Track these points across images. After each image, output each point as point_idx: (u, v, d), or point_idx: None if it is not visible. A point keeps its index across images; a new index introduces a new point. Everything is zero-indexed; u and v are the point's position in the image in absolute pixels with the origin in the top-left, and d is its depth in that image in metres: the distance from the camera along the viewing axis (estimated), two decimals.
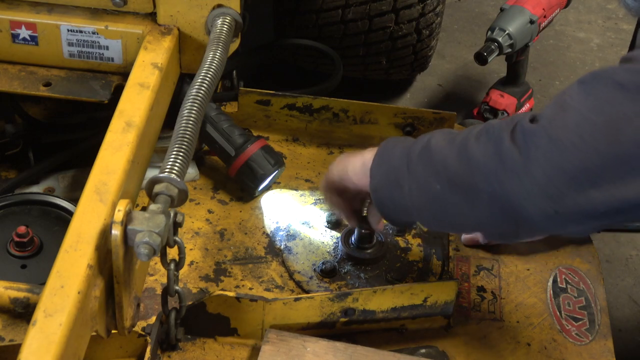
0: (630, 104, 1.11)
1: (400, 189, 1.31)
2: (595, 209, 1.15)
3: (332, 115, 1.81)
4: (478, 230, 1.31)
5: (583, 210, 1.16)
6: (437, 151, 1.28)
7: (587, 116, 1.14)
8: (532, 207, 1.18)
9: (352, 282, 1.55)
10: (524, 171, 1.17)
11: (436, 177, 1.27)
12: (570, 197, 1.15)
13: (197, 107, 1.31)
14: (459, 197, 1.25)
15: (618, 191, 1.13)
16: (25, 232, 1.45)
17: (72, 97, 1.55)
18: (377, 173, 1.36)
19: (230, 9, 1.53)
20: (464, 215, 1.27)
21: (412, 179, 1.30)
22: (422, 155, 1.30)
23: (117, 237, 1.13)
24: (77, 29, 1.54)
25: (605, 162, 1.12)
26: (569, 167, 1.14)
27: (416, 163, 1.30)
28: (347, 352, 1.38)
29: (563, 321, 1.53)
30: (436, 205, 1.28)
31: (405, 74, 2.51)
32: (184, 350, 1.43)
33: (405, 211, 1.33)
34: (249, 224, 1.66)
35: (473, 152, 1.23)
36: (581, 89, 1.17)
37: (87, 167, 1.28)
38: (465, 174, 1.24)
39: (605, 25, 3.15)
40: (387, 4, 2.19)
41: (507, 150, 1.19)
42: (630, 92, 1.12)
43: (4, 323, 1.22)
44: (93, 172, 1.26)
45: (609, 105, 1.13)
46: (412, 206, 1.31)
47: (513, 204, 1.19)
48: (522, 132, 1.19)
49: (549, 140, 1.15)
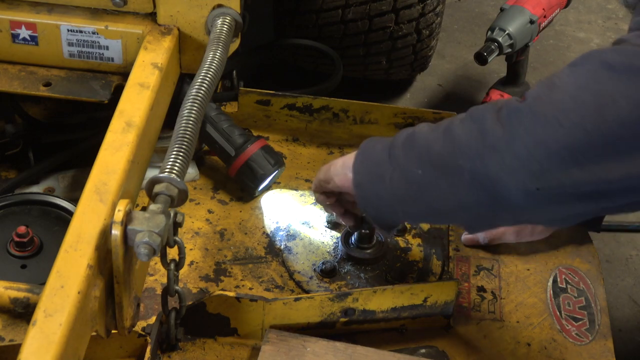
0: (618, 83, 1.09)
1: (382, 182, 1.30)
2: (578, 188, 1.13)
3: (332, 115, 1.81)
4: (459, 214, 1.26)
5: (565, 188, 1.13)
6: (420, 137, 1.27)
7: (574, 94, 1.12)
8: (512, 182, 1.15)
9: (352, 282, 1.55)
10: (505, 146, 1.15)
11: (418, 161, 1.25)
12: (552, 173, 1.13)
13: (197, 107, 1.31)
14: (440, 178, 1.23)
15: (601, 171, 1.10)
16: (25, 232, 1.45)
17: (72, 97, 1.55)
18: (360, 169, 1.35)
19: (230, 9, 1.53)
20: (445, 198, 1.24)
21: (394, 169, 1.28)
22: (404, 144, 1.29)
23: (117, 237, 1.13)
24: (77, 29, 1.54)
25: (590, 140, 1.10)
26: (552, 143, 1.12)
27: (398, 152, 1.28)
28: (347, 352, 1.38)
29: (563, 321, 1.53)
30: (417, 190, 1.26)
31: (405, 74, 2.51)
32: (184, 350, 1.43)
33: (388, 206, 1.32)
34: (249, 224, 1.66)
35: (456, 132, 1.22)
36: (570, 70, 1.15)
37: (87, 167, 1.28)
38: (447, 154, 1.22)
39: (605, 25, 3.15)
40: (387, 4, 2.19)
41: (489, 128, 1.17)
42: (617, 72, 1.10)
43: (4, 323, 1.22)
44: (93, 172, 1.26)
45: (597, 84, 1.11)
46: (394, 198, 1.29)
47: (494, 181, 1.17)
48: (507, 111, 1.17)
49: (533, 116, 1.13)
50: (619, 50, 1.13)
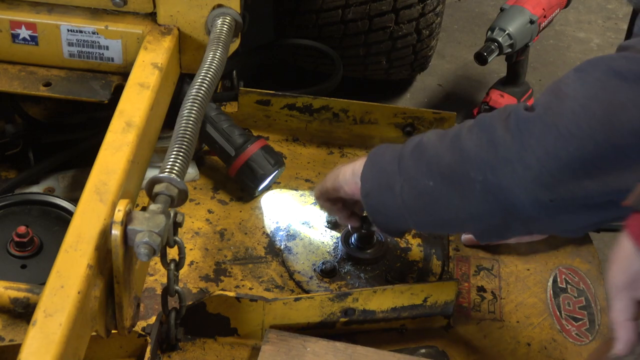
0: (628, 92, 1.09)
1: (391, 191, 1.29)
2: (590, 198, 1.12)
3: (332, 115, 1.81)
4: (471, 225, 1.27)
5: (577, 199, 1.13)
6: (429, 147, 1.26)
7: (584, 103, 1.11)
8: (524, 195, 1.15)
9: (352, 282, 1.55)
10: (517, 158, 1.14)
11: (428, 172, 1.25)
12: (565, 184, 1.12)
13: (197, 107, 1.31)
14: (451, 190, 1.22)
15: (613, 181, 1.10)
16: (25, 232, 1.45)
17: (72, 97, 1.55)
18: (368, 177, 1.34)
19: (230, 9, 1.53)
20: (456, 209, 1.24)
21: (404, 178, 1.28)
22: (413, 154, 1.28)
23: (117, 237, 1.13)
24: (77, 29, 1.54)
25: (602, 150, 1.09)
26: (564, 155, 1.11)
27: (407, 162, 1.28)
28: (347, 352, 1.38)
29: (563, 321, 1.53)
30: (428, 202, 1.26)
31: (405, 74, 2.51)
32: (184, 350, 1.43)
33: (397, 215, 1.31)
34: (249, 224, 1.66)
35: (465, 143, 1.21)
36: (577, 77, 1.14)
37: (87, 167, 1.28)
38: (457, 165, 1.21)
39: (605, 25, 3.15)
40: (387, 4, 2.19)
41: (499, 138, 1.16)
42: (627, 80, 1.09)
43: (4, 323, 1.22)
44: (93, 172, 1.26)
45: (606, 93, 1.10)
46: (404, 207, 1.29)
47: (505, 192, 1.16)
48: (516, 119, 1.16)
49: (544, 127, 1.12)
50: (627, 58, 1.12)
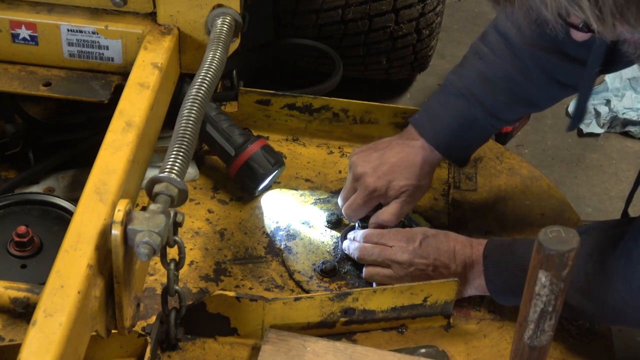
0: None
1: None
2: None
3: (332, 115, 1.81)
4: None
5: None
6: (578, 266, 1.16)
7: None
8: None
9: (352, 282, 1.55)
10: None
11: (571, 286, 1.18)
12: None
13: (197, 107, 1.31)
14: (587, 304, 1.40)
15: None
16: (25, 232, 1.45)
17: (72, 97, 1.55)
18: (495, 279, 1.46)
19: (230, 9, 1.53)
20: (588, 318, 1.50)
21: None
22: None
23: (117, 237, 1.13)
24: (77, 28, 1.54)
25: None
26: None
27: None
28: (347, 352, 1.38)
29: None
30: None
31: (405, 74, 2.51)
32: (184, 350, 1.43)
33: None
34: (249, 224, 1.66)
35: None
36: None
37: (87, 167, 1.28)
38: (601, 291, 1.36)
39: None
40: (387, 4, 2.19)
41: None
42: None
43: (4, 323, 1.22)
44: (93, 172, 1.26)
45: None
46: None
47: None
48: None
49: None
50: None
